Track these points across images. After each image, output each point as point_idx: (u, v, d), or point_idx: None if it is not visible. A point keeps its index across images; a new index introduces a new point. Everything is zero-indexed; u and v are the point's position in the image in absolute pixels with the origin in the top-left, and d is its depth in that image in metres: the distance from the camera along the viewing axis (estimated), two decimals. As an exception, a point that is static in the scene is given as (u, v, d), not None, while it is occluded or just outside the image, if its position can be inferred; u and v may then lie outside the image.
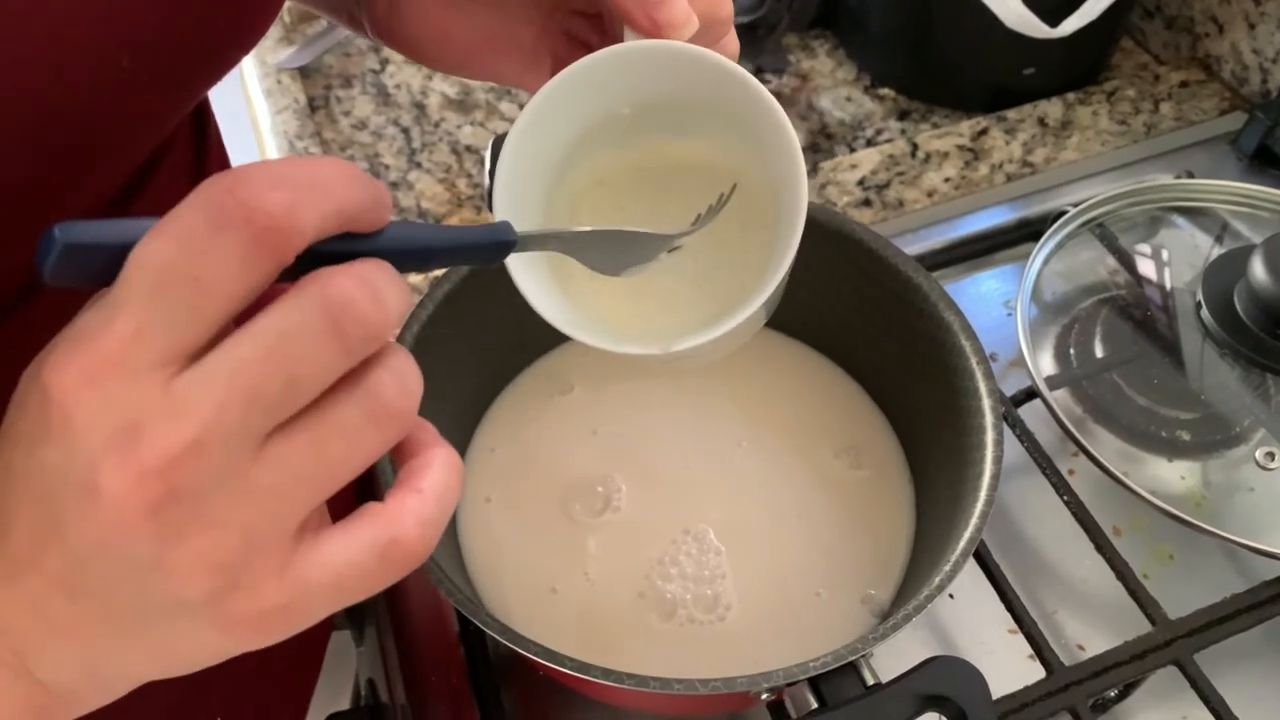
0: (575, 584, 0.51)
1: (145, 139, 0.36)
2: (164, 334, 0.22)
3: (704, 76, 0.35)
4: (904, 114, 0.85)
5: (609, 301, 0.39)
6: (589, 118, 0.37)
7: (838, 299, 0.55)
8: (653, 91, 0.36)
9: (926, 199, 0.74)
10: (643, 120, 0.38)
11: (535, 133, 0.35)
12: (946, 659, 0.40)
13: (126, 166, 0.37)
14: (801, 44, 0.91)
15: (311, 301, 0.23)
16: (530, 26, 0.39)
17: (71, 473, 0.23)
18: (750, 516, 0.53)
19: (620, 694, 0.43)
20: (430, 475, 0.27)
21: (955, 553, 0.43)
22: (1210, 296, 0.60)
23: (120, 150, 0.35)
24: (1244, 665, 0.53)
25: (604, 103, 0.36)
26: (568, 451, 0.55)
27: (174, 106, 0.36)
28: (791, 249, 0.34)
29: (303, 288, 0.23)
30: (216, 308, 0.23)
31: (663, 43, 0.34)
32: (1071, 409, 0.61)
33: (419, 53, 0.41)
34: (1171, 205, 0.67)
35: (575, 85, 0.35)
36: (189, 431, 0.22)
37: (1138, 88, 0.81)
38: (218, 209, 0.22)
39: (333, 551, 0.25)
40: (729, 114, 0.36)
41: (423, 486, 0.26)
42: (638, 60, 0.35)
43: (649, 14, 0.33)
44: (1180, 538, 0.57)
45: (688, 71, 0.35)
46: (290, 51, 0.86)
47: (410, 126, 0.84)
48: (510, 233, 0.30)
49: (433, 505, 0.26)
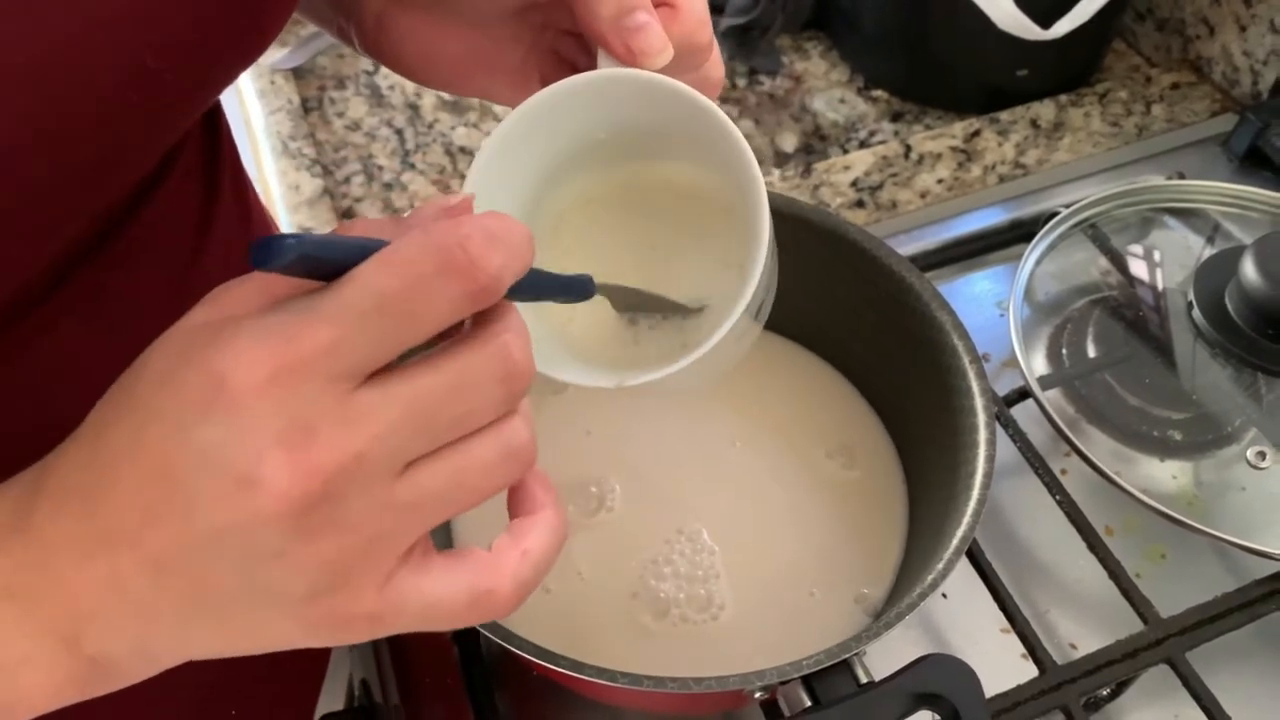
0: (569, 583, 0.51)
1: (165, 137, 0.36)
2: (362, 353, 0.24)
3: (674, 107, 0.35)
4: (897, 115, 0.85)
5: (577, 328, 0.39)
6: (566, 140, 0.37)
7: (831, 300, 0.55)
8: (628, 117, 0.36)
9: (919, 200, 0.74)
10: (625, 143, 0.38)
11: (505, 156, 0.36)
12: (939, 657, 0.40)
13: (145, 165, 0.37)
14: (795, 45, 0.91)
15: (495, 353, 0.26)
16: (518, 45, 0.39)
17: (232, 457, 0.23)
18: (744, 516, 0.53)
19: (614, 693, 0.43)
20: (537, 537, 0.29)
21: (948, 552, 0.43)
22: (1202, 297, 0.61)
23: (141, 149, 0.34)
24: (1236, 664, 0.54)
25: (579, 127, 0.36)
26: (561, 452, 0.55)
27: (194, 104, 0.36)
28: (753, 282, 0.34)
29: (486, 339, 0.26)
30: (415, 339, 0.25)
31: (633, 72, 0.34)
32: (1064, 409, 0.61)
33: (407, 70, 0.41)
34: (1163, 206, 0.67)
35: (546, 110, 0.35)
36: (359, 443, 0.24)
37: (1129, 89, 0.82)
38: (449, 257, 0.24)
39: (432, 584, 0.27)
40: (703, 142, 0.36)
41: (529, 547, 0.28)
42: (609, 89, 0.35)
43: (625, 41, 0.33)
44: (1172, 537, 0.57)
45: (660, 101, 0.35)
46: (284, 52, 0.86)
47: (404, 127, 0.84)
48: (589, 285, 0.34)
49: (532, 569, 0.28)
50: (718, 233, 0.40)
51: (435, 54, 0.40)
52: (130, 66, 0.29)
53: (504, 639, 0.40)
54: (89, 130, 0.30)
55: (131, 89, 0.30)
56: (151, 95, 0.31)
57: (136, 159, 0.35)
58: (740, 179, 0.35)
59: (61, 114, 0.28)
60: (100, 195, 0.34)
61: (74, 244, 0.35)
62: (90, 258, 0.36)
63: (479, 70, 0.40)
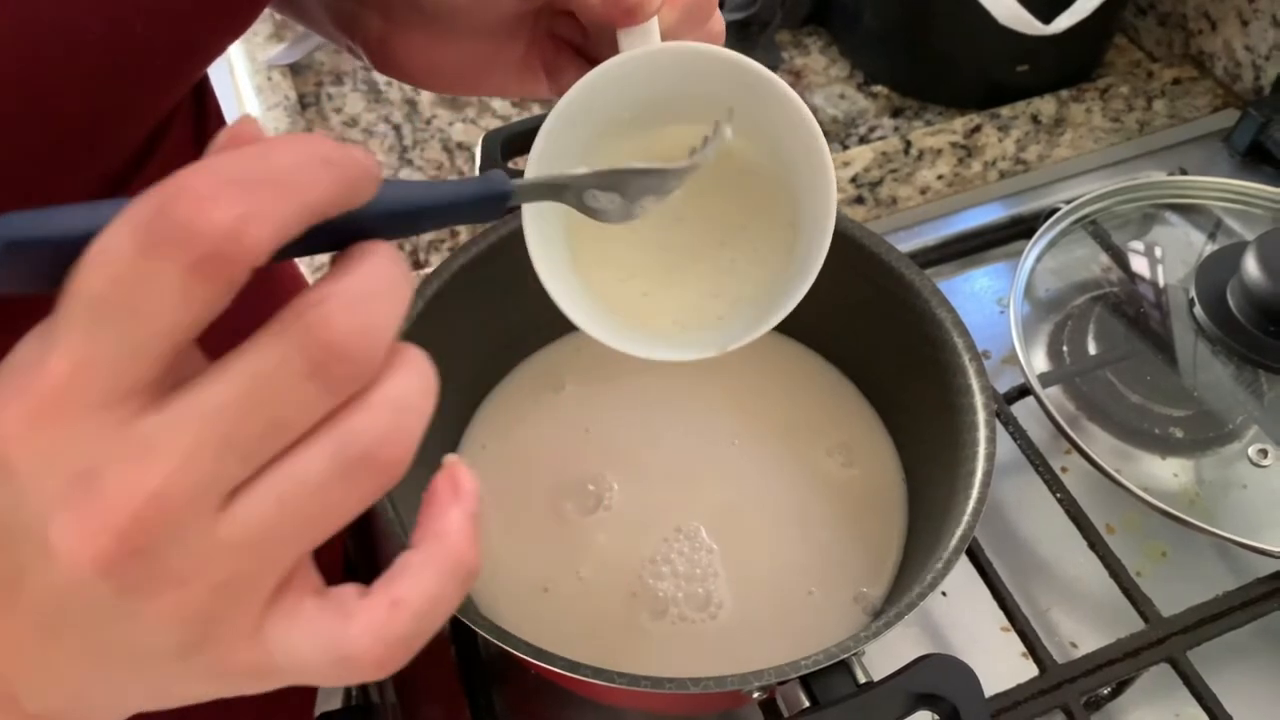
0: (566, 583, 0.50)
1: (154, 107, 0.36)
2: (107, 371, 0.20)
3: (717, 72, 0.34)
4: (897, 111, 0.85)
5: (620, 293, 0.39)
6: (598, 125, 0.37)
7: (830, 296, 0.54)
8: (662, 90, 0.36)
9: (920, 196, 0.74)
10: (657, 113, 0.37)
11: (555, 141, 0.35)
12: (939, 657, 0.40)
13: (133, 139, 0.36)
14: (794, 41, 0.90)
15: (293, 338, 0.20)
16: (519, 41, 0.39)
17: (22, 525, 0.21)
18: (742, 514, 0.53)
19: (612, 693, 0.43)
20: (415, 581, 0.23)
21: (948, 550, 0.43)
22: (1203, 293, 0.60)
23: (129, 118, 0.34)
24: (1237, 662, 0.53)
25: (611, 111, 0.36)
26: (559, 449, 0.55)
27: (183, 73, 0.35)
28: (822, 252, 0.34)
29: (285, 321, 0.21)
30: (160, 341, 0.20)
31: (671, 45, 0.34)
32: (1064, 406, 0.60)
33: (416, 82, 0.41)
34: (1165, 202, 0.67)
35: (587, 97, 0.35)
36: (153, 480, 0.20)
37: (1131, 85, 0.81)
38: (147, 232, 0.19)
39: (295, 639, 0.22)
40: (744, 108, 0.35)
41: (401, 596, 0.23)
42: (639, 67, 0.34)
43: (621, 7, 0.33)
44: (1173, 535, 0.57)
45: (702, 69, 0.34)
46: (281, 48, 0.85)
47: (401, 124, 0.83)
48: (505, 183, 0.27)
49: (405, 623, 0.23)
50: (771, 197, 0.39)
51: (441, 65, 0.40)
52: (118, 33, 0.29)
53: (501, 639, 0.40)
54: (76, 98, 0.29)
55: (119, 55, 0.29)
56: (140, 62, 0.30)
57: (125, 129, 0.34)
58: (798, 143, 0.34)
59: (47, 80, 0.28)
60: (88, 167, 0.34)
61: None
62: None
63: (485, 73, 0.40)
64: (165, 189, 0.19)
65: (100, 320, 0.20)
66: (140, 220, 0.19)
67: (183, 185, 0.19)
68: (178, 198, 0.19)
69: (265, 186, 0.20)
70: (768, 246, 0.39)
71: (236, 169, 0.20)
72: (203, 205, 0.19)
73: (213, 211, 0.19)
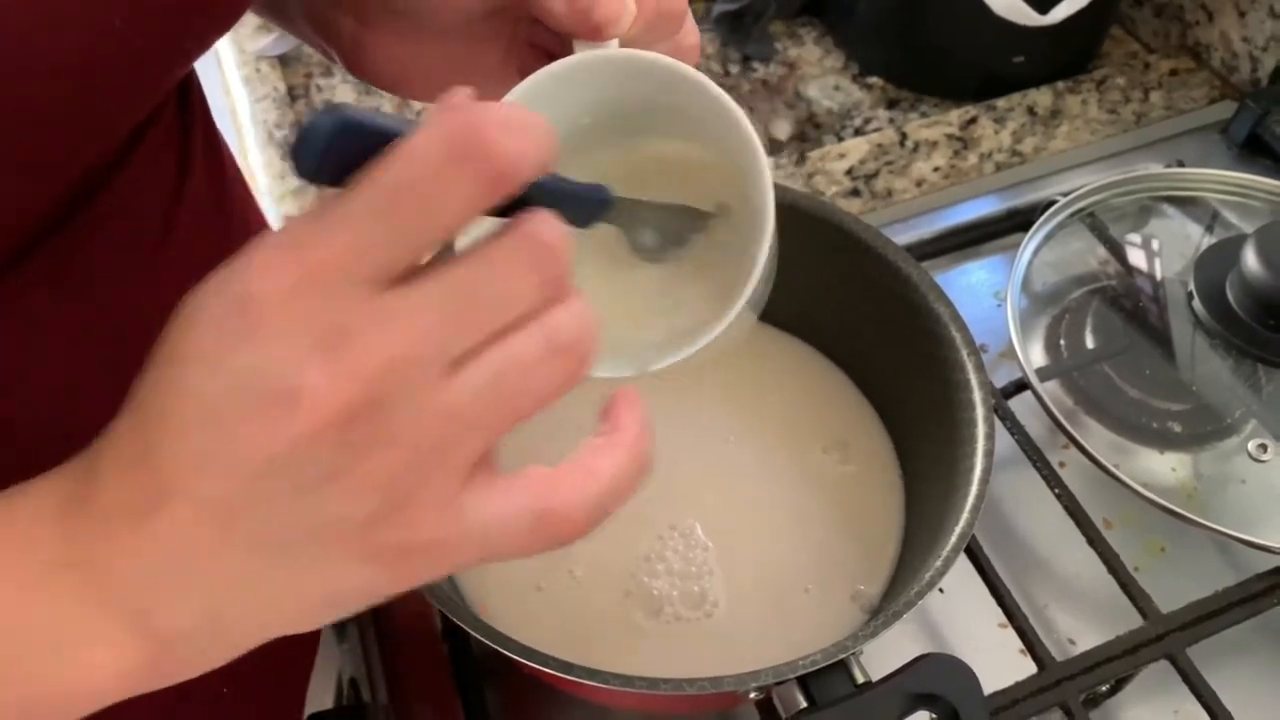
0: (560, 582, 0.50)
1: (136, 103, 0.35)
2: (384, 250, 0.23)
3: (654, 79, 0.33)
4: (892, 103, 0.84)
5: None
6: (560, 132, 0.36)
7: (826, 290, 0.54)
8: (611, 98, 0.35)
9: (915, 188, 0.74)
10: (621, 123, 0.37)
11: None
12: (938, 657, 0.39)
13: (116, 136, 0.36)
14: (789, 32, 0.90)
15: (521, 240, 0.25)
16: (496, 45, 0.39)
17: (269, 376, 0.23)
18: (738, 512, 0.52)
19: (606, 694, 0.43)
20: (610, 458, 0.27)
21: (946, 548, 0.42)
22: (1202, 286, 0.60)
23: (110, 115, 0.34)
24: (1236, 658, 0.53)
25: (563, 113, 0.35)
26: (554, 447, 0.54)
27: (166, 69, 0.35)
28: (761, 257, 0.33)
29: (511, 228, 0.25)
30: (437, 233, 0.23)
31: (608, 52, 0.33)
32: (1062, 401, 0.60)
33: (392, 87, 0.41)
34: (1162, 195, 0.67)
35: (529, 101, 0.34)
36: (397, 343, 0.23)
37: (1128, 76, 0.81)
38: (460, 142, 0.23)
39: (491, 501, 0.25)
40: (692, 115, 0.34)
41: (597, 468, 0.27)
42: (586, 72, 0.34)
43: (585, 20, 0.33)
44: (1172, 530, 0.56)
45: (639, 77, 0.34)
46: (269, 39, 0.84)
47: (392, 116, 0.83)
48: (608, 193, 0.31)
49: (599, 489, 0.27)
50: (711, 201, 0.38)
51: (415, 68, 0.39)
52: (97, 27, 0.28)
53: (493, 640, 0.40)
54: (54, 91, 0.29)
55: (98, 50, 0.29)
56: (120, 58, 0.30)
57: (108, 126, 0.34)
58: (734, 146, 0.34)
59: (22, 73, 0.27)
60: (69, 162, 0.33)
61: (43, 213, 0.34)
62: (60, 228, 0.35)
63: (461, 77, 0.39)
64: (466, 115, 0.23)
65: (395, 206, 0.23)
66: (454, 132, 0.23)
67: (486, 115, 0.23)
68: (485, 123, 0.23)
69: (533, 137, 0.24)
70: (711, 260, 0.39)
71: (515, 118, 0.24)
72: (502, 133, 0.23)
73: (508, 140, 0.23)
